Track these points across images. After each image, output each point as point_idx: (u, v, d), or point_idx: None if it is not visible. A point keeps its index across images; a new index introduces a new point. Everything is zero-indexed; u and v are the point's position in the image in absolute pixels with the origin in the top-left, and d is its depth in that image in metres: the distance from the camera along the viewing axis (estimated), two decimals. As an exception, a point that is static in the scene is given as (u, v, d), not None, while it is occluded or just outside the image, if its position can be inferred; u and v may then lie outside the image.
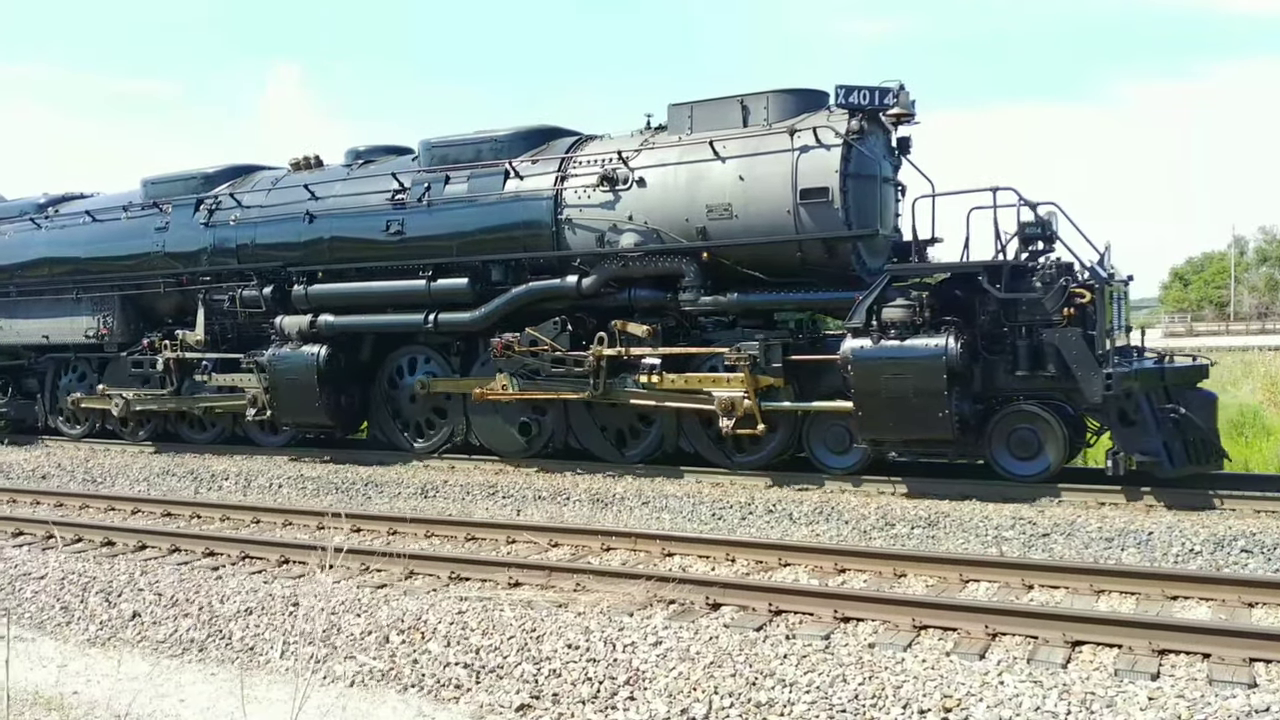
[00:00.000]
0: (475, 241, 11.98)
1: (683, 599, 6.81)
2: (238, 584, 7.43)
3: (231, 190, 14.22)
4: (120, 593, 7.54)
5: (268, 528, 9.97)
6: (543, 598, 6.95)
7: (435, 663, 5.96)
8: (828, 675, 5.29)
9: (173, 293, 14.58)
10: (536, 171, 11.79)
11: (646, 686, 5.42)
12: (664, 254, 10.97)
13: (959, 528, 8.71)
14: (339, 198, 13.02)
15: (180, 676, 6.27)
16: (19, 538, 9.68)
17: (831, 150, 10.20)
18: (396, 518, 9.72)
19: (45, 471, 13.87)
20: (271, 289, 13.37)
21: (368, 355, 13.22)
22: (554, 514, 10.22)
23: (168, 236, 14.40)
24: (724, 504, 9.78)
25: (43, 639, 7.12)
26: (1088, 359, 9.16)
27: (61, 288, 15.61)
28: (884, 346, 9.57)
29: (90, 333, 15.29)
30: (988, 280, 9.57)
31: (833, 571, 7.60)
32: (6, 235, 16.47)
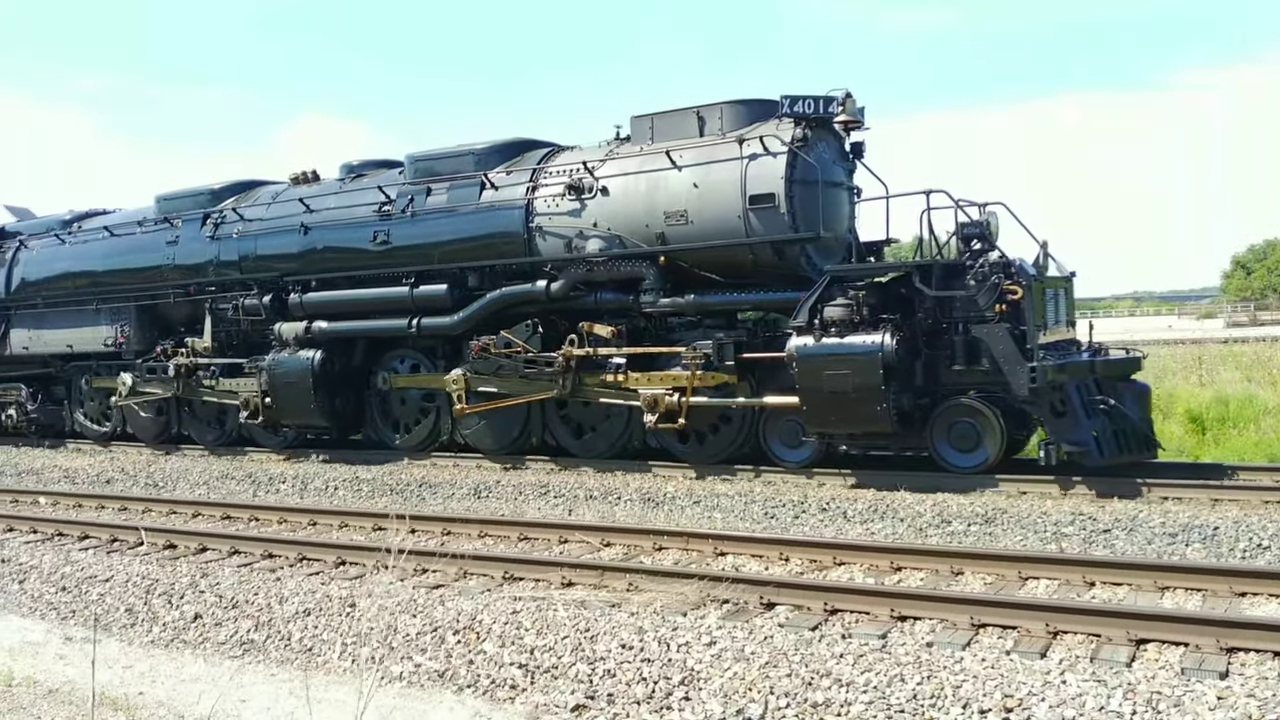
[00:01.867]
0: (454, 249, 12.63)
1: (736, 599, 6.77)
2: (296, 585, 7.52)
3: (235, 205, 15.01)
4: (183, 595, 7.67)
5: (324, 530, 10.09)
6: (596, 597, 6.95)
7: (490, 663, 5.99)
8: (885, 675, 5.23)
9: (183, 302, 15.36)
10: (510, 182, 12.42)
11: (701, 687, 5.40)
12: (626, 258, 11.52)
13: (1017, 524, 8.58)
14: (331, 210, 13.77)
15: (242, 677, 6.36)
16: (85, 541, 9.89)
17: (777, 158, 10.67)
18: (451, 518, 9.79)
19: (110, 476, 14.17)
20: (270, 297, 14.14)
21: (360, 359, 13.84)
22: (605, 513, 10.23)
23: (177, 250, 15.24)
24: (776, 503, 9.72)
25: (109, 640, 7.26)
26: (1013, 353, 9.51)
27: (83, 300, 16.45)
28: (825, 344, 9.97)
29: (109, 342, 16.10)
30: (919, 279, 10.00)
31: (888, 570, 7.52)
32: (35, 251, 17.43)
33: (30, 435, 17.76)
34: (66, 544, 9.79)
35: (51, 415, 17.61)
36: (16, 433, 17.93)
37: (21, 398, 17.70)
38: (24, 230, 18.27)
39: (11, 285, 17.56)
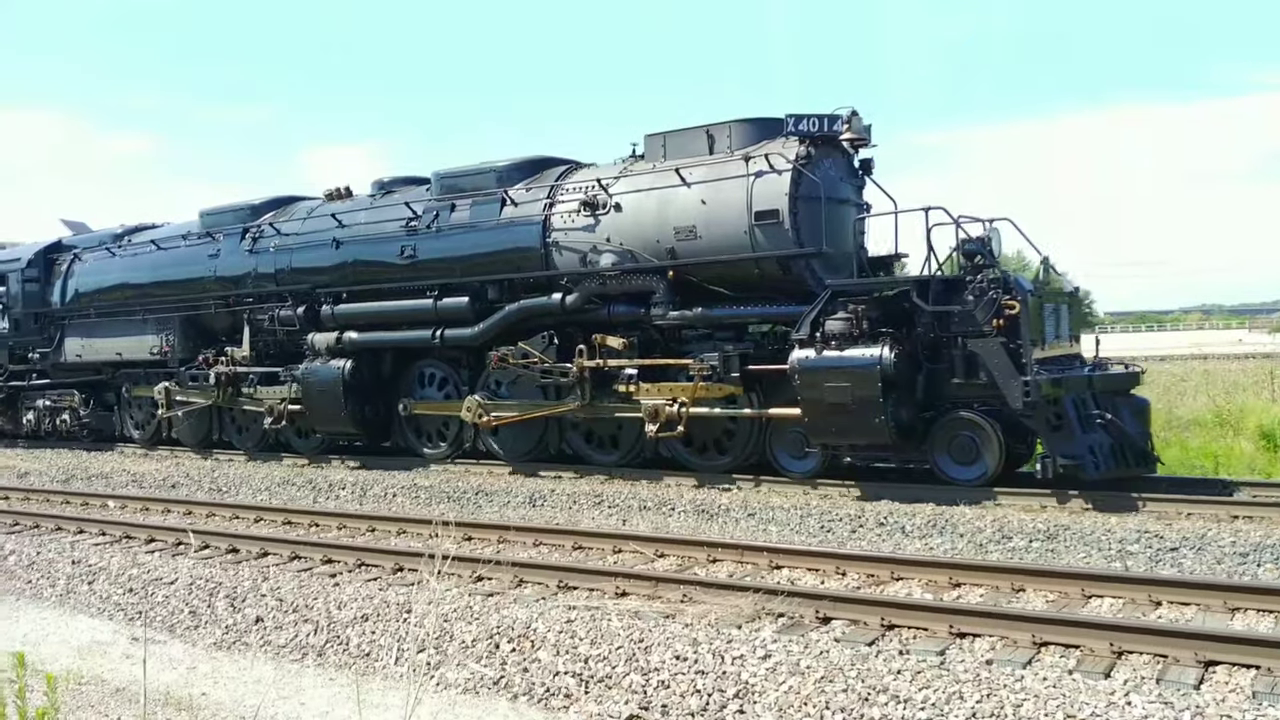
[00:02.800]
0: (475, 263, 13.07)
1: (792, 612, 6.72)
2: (354, 591, 7.61)
3: (273, 219, 15.68)
4: (244, 598, 7.80)
5: (382, 536, 10.19)
6: (650, 608, 6.94)
7: (545, 671, 6.01)
8: (943, 692, 5.15)
9: (223, 313, 15.97)
10: (529, 198, 12.86)
11: (756, 700, 5.36)
12: (637, 272, 11.85)
13: (1080, 541, 8.41)
14: (362, 225, 14.33)
15: (300, 680, 6.45)
16: (151, 544, 10.11)
17: (782, 175, 10.95)
18: (506, 526, 9.84)
19: (175, 481, 14.47)
20: (304, 309, 14.66)
21: (389, 369, 14.32)
22: (659, 524, 10.22)
23: (218, 262, 15.93)
24: (833, 517, 9.63)
25: (173, 641, 7.41)
26: (1008, 367, 9.64)
27: (132, 310, 17.20)
28: (825, 356, 10.19)
29: (155, 350, 16.83)
30: (917, 294, 10.20)
31: (947, 586, 7.41)
32: (87, 263, 18.27)
33: (83, 439, 18.47)
34: (134, 546, 10.01)
35: (102, 420, 18.36)
36: (70, 437, 18.65)
37: (75, 403, 18.46)
38: (78, 244, 19.19)
39: (66, 296, 18.41)
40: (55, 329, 18.56)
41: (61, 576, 9.11)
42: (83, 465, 16.15)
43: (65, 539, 10.53)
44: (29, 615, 8.31)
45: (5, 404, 19.77)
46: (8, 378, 19.57)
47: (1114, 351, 34.30)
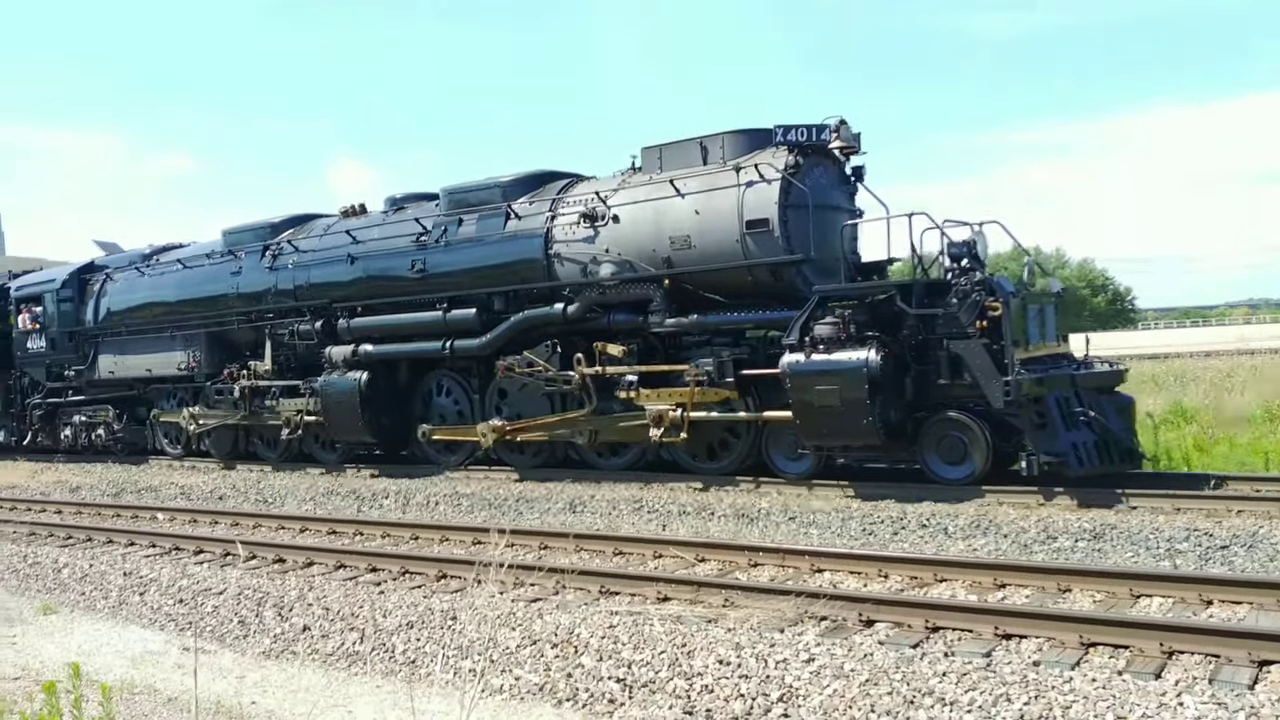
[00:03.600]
0: (482, 276, 13.47)
1: (835, 615, 6.70)
2: (399, 599, 7.68)
3: (291, 237, 16.15)
4: (292, 607, 7.90)
5: (426, 544, 10.28)
6: (692, 613, 6.95)
7: (589, 677, 6.03)
8: (990, 694, 5.12)
9: (246, 329, 16.48)
10: (532, 212, 13.21)
11: (800, 704, 5.35)
12: (635, 282, 12.12)
13: (1127, 540, 8.31)
14: (375, 241, 14.72)
15: (348, 688, 6.52)
16: (200, 555, 10.26)
17: (772, 184, 11.19)
18: (548, 532, 9.88)
19: (222, 493, 14.68)
20: (321, 323, 15.11)
21: (404, 380, 14.71)
22: (699, 529, 10.22)
23: (241, 279, 16.44)
24: (875, 519, 9.58)
25: (223, 650, 7.51)
26: (989, 368, 9.81)
27: (160, 327, 17.74)
28: (814, 360, 10.43)
29: (182, 366, 17.38)
30: (901, 299, 10.44)
31: (992, 587, 7.35)
32: (118, 282, 18.84)
33: (117, 453, 19.00)
34: (183, 558, 10.17)
35: (135, 434, 18.92)
36: (105, 451, 19.18)
37: (109, 418, 19.02)
38: (110, 264, 19.83)
39: (99, 315, 18.96)
40: (89, 347, 19.15)
41: (114, 588, 9.28)
42: (132, 479, 16.43)
43: (117, 551, 10.72)
44: (83, 626, 8.46)
45: (44, 420, 20.38)
46: (46, 394, 20.23)
47: (1158, 347, 33.83)
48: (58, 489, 16.54)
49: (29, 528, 12.42)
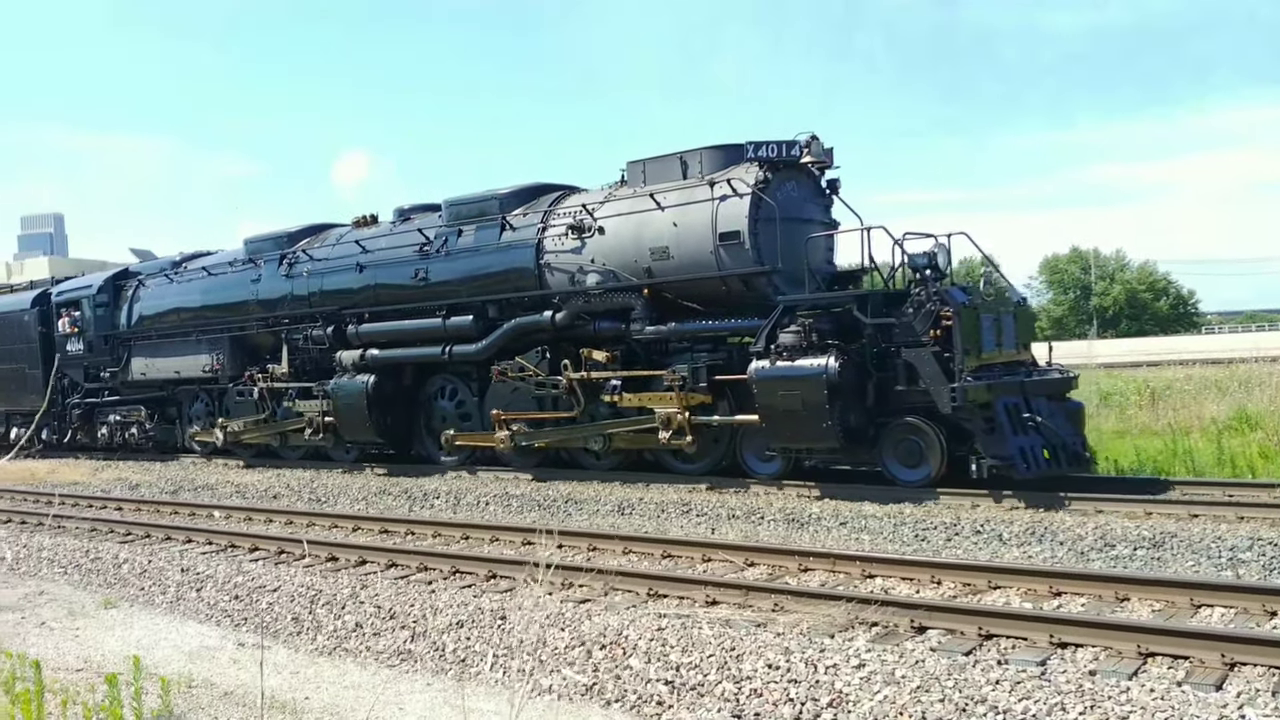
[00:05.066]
0: (478, 284, 14.14)
1: (886, 621, 6.63)
2: (449, 598, 7.74)
3: (306, 246, 16.94)
4: (344, 605, 7.99)
5: (476, 544, 10.35)
6: (741, 617, 6.92)
7: (637, 679, 6.03)
8: (1044, 703, 5.03)
9: (265, 333, 17.37)
10: (525, 223, 13.82)
11: (850, 709, 5.30)
12: (617, 291, 12.70)
13: (1187, 549, 8.14)
14: (383, 250, 15.46)
15: (399, 685, 6.57)
16: (255, 552, 10.42)
17: (743, 199, 11.67)
18: (596, 534, 9.91)
19: (276, 492, 14.91)
20: (332, 328, 15.91)
21: (410, 382, 15.36)
22: (748, 533, 10.18)
23: (260, 286, 17.28)
24: (927, 525, 9.48)
25: (277, 647, 7.61)
26: (937, 374, 10.24)
27: (187, 331, 18.65)
28: (778, 366, 10.92)
29: (207, 368, 18.26)
30: (858, 309, 10.92)
31: (1047, 595, 7.24)
32: (150, 289, 19.82)
33: (149, 451, 19.92)
34: (238, 555, 10.33)
35: (166, 433, 19.85)
36: (139, 449, 20.12)
37: (142, 417, 19.92)
38: (143, 271, 20.76)
39: (132, 319, 19.87)
40: (123, 350, 20.04)
41: (172, 584, 9.45)
42: (189, 477, 16.74)
43: (174, 548, 10.92)
44: (142, 621, 8.63)
45: (83, 418, 21.24)
46: (84, 395, 21.11)
47: (1222, 351, 33.07)
48: (118, 486, 16.91)
49: (90, 524, 12.70)
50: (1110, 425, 16.09)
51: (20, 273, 63.74)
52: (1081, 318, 74.31)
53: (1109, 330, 64.35)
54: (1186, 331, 67.17)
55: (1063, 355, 26.72)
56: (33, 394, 21.41)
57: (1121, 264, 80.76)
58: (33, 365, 21.55)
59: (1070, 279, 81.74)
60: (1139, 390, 19.03)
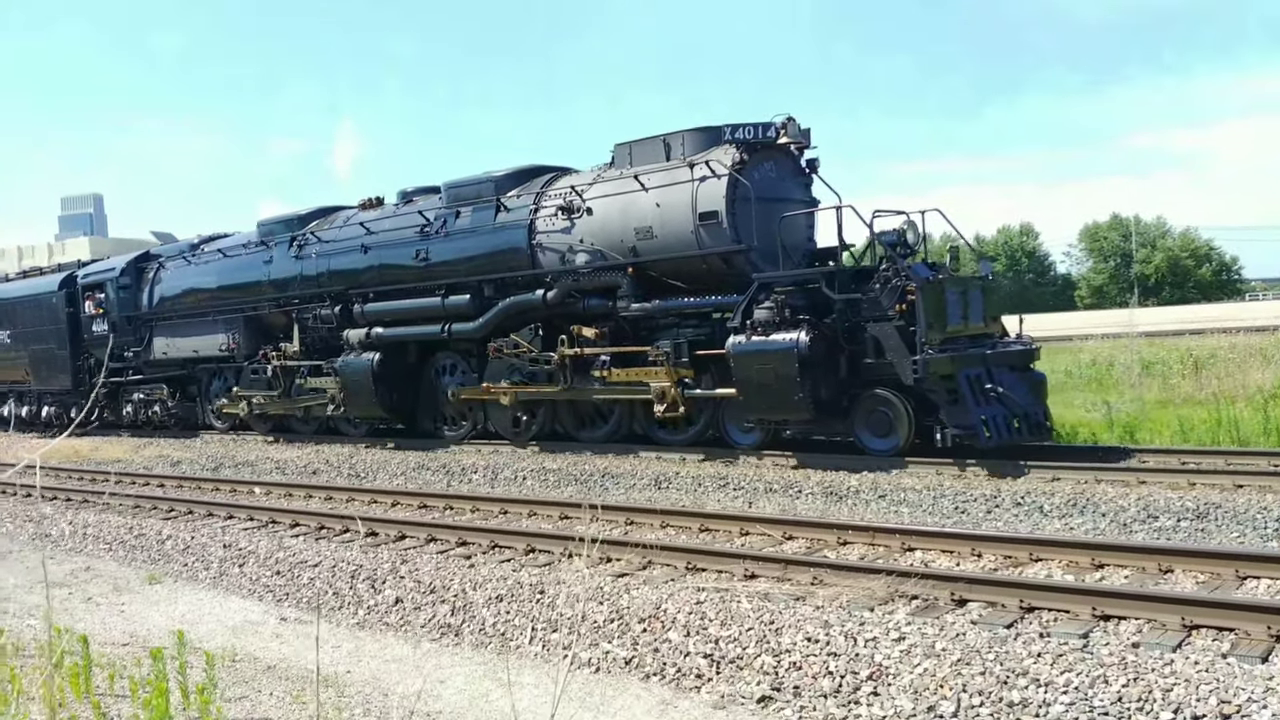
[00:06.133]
0: (475, 264, 14.56)
1: (926, 594, 6.59)
2: (489, 572, 7.79)
3: (315, 228, 17.43)
4: (384, 580, 8.07)
5: (514, 518, 10.40)
6: (779, 590, 6.91)
7: (676, 652, 6.04)
8: (1087, 676, 4.98)
9: (277, 313, 17.85)
10: (518, 205, 14.24)
11: (890, 682, 5.28)
12: (605, 269, 13.02)
13: (1232, 520, 8.02)
14: (386, 232, 15.92)
15: (440, 659, 6.63)
16: (296, 528, 10.54)
17: (721, 179, 12.03)
18: (634, 508, 9.93)
19: (316, 468, 15.06)
20: (339, 308, 16.38)
21: (413, 360, 15.85)
22: (786, 507, 10.15)
23: (271, 268, 17.79)
24: (967, 497, 9.41)
25: (319, 621, 7.70)
26: (900, 347, 10.62)
27: (204, 312, 19.25)
28: (753, 341, 11.29)
29: (223, 347, 18.85)
30: (826, 285, 11.27)
31: (1089, 567, 7.16)
32: (169, 270, 20.35)
33: (171, 427, 20.54)
34: (279, 531, 10.45)
35: (187, 410, 20.43)
36: (162, 426, 20.75)
37: (164, 395, 20.54)
38: (163, 253, 21.33)
39: (153, 300, 20.44)
40: (145, 330, 20.64)
41: (214, 560, 9.59)
42: (229, 454, 16.95)
43: (216, 524, 11.07)
44: (186, 596, 8.77)
45: (109, 398, 21.80)
46: (109, 374, 21.56)
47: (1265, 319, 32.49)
48: (160, 463, 17.16)
49: (134, 501, 12.90)
50: (1153, 395, 15.88)
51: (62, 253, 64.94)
52: (1123, 286, 73.25)
53: (1151, 299, 63.44)
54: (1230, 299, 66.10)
55: (1103, 324, 26.34)
56: (61, 374, 22.19)
57: (1163, 231, 79.44)
58: (61, 346, 22.20)
59: (1110, 247, 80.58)
60: (1182, 359, 18.76)
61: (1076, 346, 23.98)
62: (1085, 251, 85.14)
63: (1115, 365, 19.65)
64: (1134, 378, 17.60)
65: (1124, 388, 16.93)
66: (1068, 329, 33.07)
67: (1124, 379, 17.88)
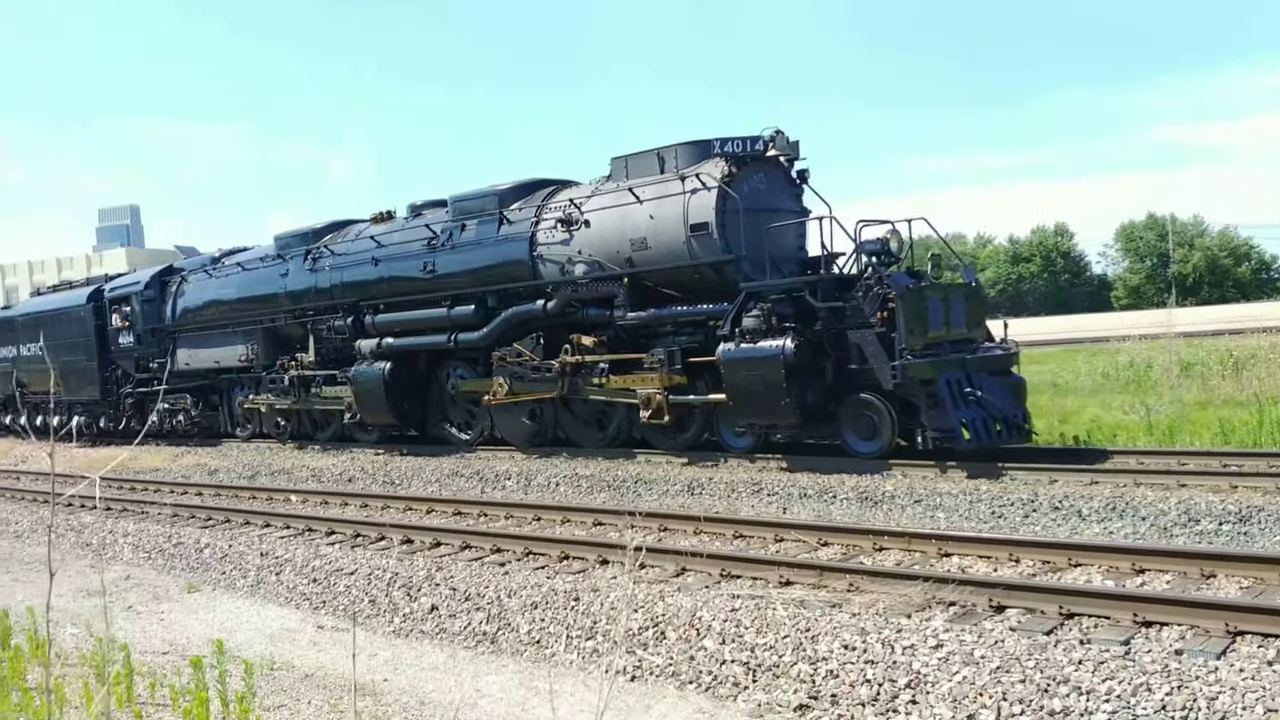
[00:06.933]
0: (479, 276, 15.04)
1: (963, 601, 6.53)
2: (523, 579, 7.80)
3: (329, 241, 17.95)
4: (419, 587, 8.10)
5: (548, 525, 10.41)
6: (815, 597, 6.87)
7: (712, 660, 6.02)
8: (1129, 683, 4.92)
9: (293, 324, 18.40)
10: (520, 218, 14.70)
11: (929, 690, 5.24)
12: (601, 280, 13.48)
13: (1276, 523, 7.90)
14: (396, 245, 16.41)
15: (475, 667, 6.65)
16: (331, 536, 10.61)
17: (711, 192, 12.40)
18: (667, 514, 9.90)
19: (351, 475, 15.16)
20: (352, 319, 16.94)
21: (423, 368, 16.33)
22: (821, 512, 10.10)
23: (287, 280, 18.35)
24: (1004, 501, 9.32)
25: (354, 629, 7.74)
26: (879, 353, 11.00)
27: (224, 324, 19.84)
28: (742, 348, 11.67)
29: (243, 358, 19.40)
30: (809, 294, 11.66)
31: (1130, 572, 7.06)
32: (191, 284, 20.96)
33: (194, 436, 21.13)
34: (316, 539, 10.53)
35: (210, 419, 20.99)
36: (185, 435, 21.31)
37: (188, 405, 21.08)
38: (186, 267, 22.00)
39: (176, 313, 21.08)
40: (169, 342, 21.24)
41: (252, 568, 9.67)
42: (266, 462, 17.10)
43: (253, 532, 11.17)
44: (224, 604, 8.85)
45: (135, 407, 22.42)
46: (135, 385, 22.29)
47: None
48: (197, 472, 17.35)
49: (172, 510, 13.05)
50: (1193, 396, 15.67)
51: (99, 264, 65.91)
52: (1160, 285, 72.39)
53: (1189, 298, 62.64)
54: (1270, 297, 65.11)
55: (1141, 325, 25.96)
56: (90, 384, 22.75)
57: (1200, 229, 78.44)
58: (90, 357, 22.78)
59: (1147, 246, 79.67)
60: (1222, 360, 18.50)
61: (1113, 348, 23.70)
62: (1121, 251, 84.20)
63: (1153, 366, 19.41)
64: (1173, 379, 17.37)
65: (1163, 389, 16.72)
66: (1104, 330, 32.72)
67: (1163, 380, 17.66)
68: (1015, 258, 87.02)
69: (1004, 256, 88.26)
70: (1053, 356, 26.11)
